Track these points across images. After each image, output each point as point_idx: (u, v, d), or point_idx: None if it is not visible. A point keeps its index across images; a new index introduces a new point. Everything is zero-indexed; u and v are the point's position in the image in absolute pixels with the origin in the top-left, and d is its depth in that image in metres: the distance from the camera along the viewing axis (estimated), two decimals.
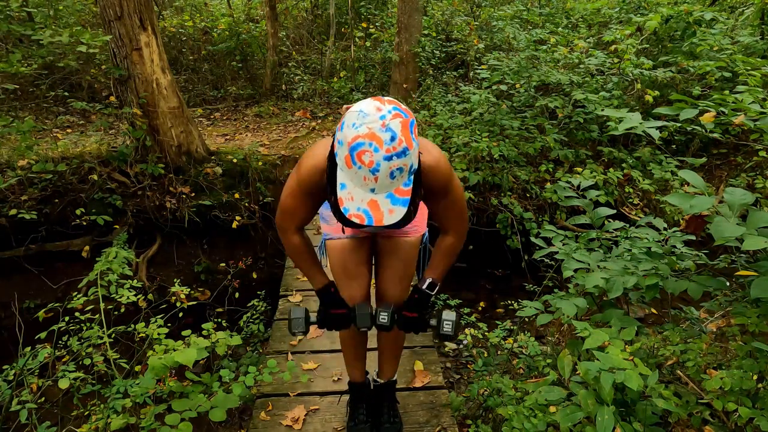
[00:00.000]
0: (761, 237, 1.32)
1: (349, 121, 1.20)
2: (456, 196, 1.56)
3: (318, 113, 6.89)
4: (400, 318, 1.70)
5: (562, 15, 6.85)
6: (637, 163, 4.72)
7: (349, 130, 1.19)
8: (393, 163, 1.17)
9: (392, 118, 1.18)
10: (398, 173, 1.20)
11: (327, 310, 1.70)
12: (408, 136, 1.19)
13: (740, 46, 4.86)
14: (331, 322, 1.71)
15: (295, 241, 1.63)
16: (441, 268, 1.69)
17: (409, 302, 1.70)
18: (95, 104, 4.53)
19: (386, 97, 1.26)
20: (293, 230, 1.62)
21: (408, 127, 1.20)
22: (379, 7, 8.32)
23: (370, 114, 1.18)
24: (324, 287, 1.70)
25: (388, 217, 1.24)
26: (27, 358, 2.26)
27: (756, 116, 1.63)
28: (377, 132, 1.16)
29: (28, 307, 3.85)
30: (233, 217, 4.44)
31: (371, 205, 1.23)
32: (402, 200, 1.24)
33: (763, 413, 1.46)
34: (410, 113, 1.24)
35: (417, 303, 1.67)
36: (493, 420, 2.19)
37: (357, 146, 1.17)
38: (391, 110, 1.19)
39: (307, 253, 1.67)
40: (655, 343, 2.05)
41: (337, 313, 1.70)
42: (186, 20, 7.80)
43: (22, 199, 3.90)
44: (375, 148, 1.16)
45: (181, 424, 1.73)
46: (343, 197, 1.24)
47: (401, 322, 1.70)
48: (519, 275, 4.40)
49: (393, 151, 1.16)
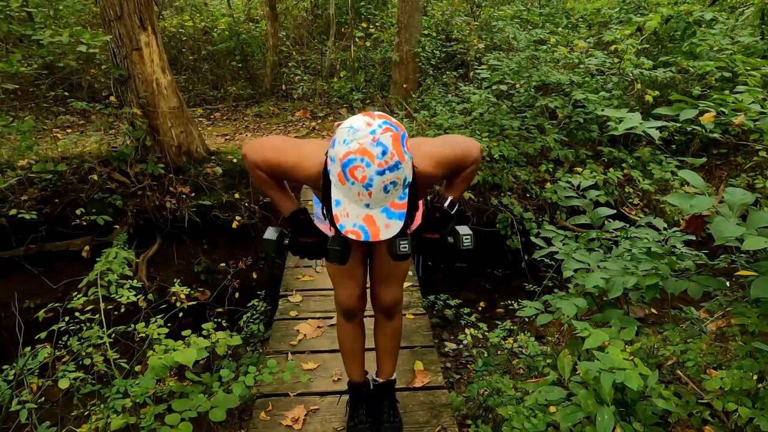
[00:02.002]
0: (761, 237, 1.32)
1: (340, 138, 1.20)
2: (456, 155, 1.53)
3: (318, 113, 6.89)
4: (420, 241, 1.61)
5: (562, 15, 6.86)
6: (637, 163, 4.72)
7: (340, 147, 1.19)
8: (386, 177, 1.18)
9: (383, 133, 1.18)
10: (392, 187, 1.21)
11: (296, 238, 1.61)
12: (399, 149, 1.19)
13: (740, 46, 4.86)
14: (301, 250, 1.61)
15: (261, 173, 1.55)
16: (459, 191, 1.65)
17: (431, 222, 1.62)
18: (95, 104, 4.53)
19: (376, 112, 1.26)
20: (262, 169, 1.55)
21: (399, 141, 1.20)
22: (379, 7, 8.32)
23: (360, 129, 1.18)
24: (293, 213, 1.61)
25: (384, 232, 1.25)
26: (27, 358, 2.26)
27: (756, 116, 1.63)
28: (368, 147, 1.16)
29: (28, 307, 3.85)
30: (233, 217, 4.44)
31: (367, 221, 1.24)
32: (398, 214, 1.26)
33: (763, 413, 1.46)
34: (401, 126, 1.24)
35: (438, 222, 1.61)
36: (493, 420, 2.19)
37: (349, 162, 1.17)
38: (381, 125, 1.20)
39: (274, 181, 1.59)
40: (655, 343, 2.05)
41: (308, 242, 1.60)
42: (186, 20, 7.80)
43: (22, 199, 3.90)
44: (367, 164, 1.16)
45: (181, 424, 1.73)
46: (339, 214, 1.25)
47: (422, 245, 1.62)
48: (519, 275, 4.40)
49: (385, 165, 1.17)
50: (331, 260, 1.55)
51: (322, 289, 3.31)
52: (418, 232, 1.62)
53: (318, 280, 3.42)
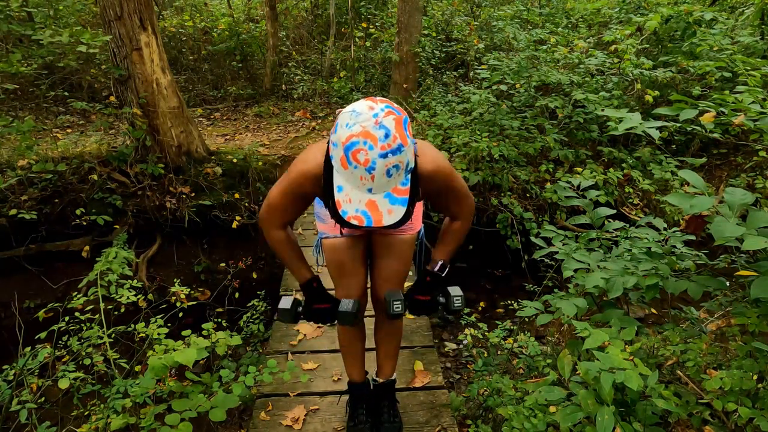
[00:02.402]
0: (761, 237, 1.32)
1: (343, 122, 1.20)
2: (458, 186, 1.56)
3: (318, 113, 6.89)
4: (413, 302, 1.69)
5: (562, 15, 6.86)
6: (637, 163, 4.72)
7: (342, 131, 1.19)
8: (389, 161, 1.18)
9: (385, 116, 1.18)
10: (395, 171, 1.20)
11: (311, 305, 1.69)
12: (402, 132, 1.20)
13: (740, 46, 4.86)
14: (314, 317, 1.70)
15: (279, 236, 1.61)
16: (449, 249, 1.69)
17: (421, 285, 1.68)
18: (95, 104, 4.53)
19: (378, 97, 1.26)
20: (278, 226, 1.60)
21: (401, 124, 1.20)
22: (379, 7, 8.32)
23: (363, 113, 1.19)
24: (307, 282, 1.68)
25: (387, 217, 1.24)
26: (27, 358, 2.26)
27: (756, 116, 1.63)
28: (371, 130, 1.16)
29: (28, 307, 3.85)
30: (233, 217, 4.44)
31: (369, 206, 1.24)
32: (400, 200, 1.25)
33: (763, 413, 1.46)
34: (403, 111, 1.24)
35: (429, 285, 1.67)
36: (493, 420, 2.19)
37: (351, 145, 1.17)
38: (384, 108, 1.20)
39: (290, 247, 1.64)
40: (655, 343, 2.05)
41: (320, 308, 1.69)
42: (186, 20, 7.80)
43: (22, 199, 3.90)
44: (370, 146, 1.16)
45: (181, 424, 1.73)
46: (341, 200, 1.24)
47: (414, 306, 1.69)
48: (519, 275, 4.40)
49: (388, 148, 1.17)
50: (341, 323, 1.69)
51: None
52: (411, 294, 1.70)
53: None
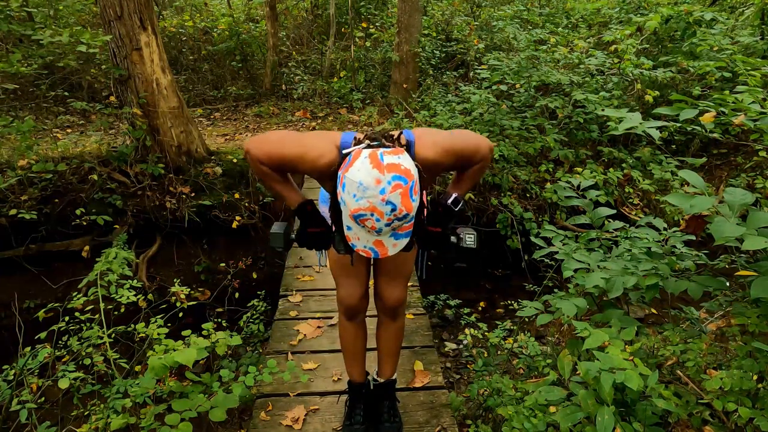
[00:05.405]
0: (761, 237, 1.32)
1: (350, 190, 1.26)
2: (463, 146, 1.53)
3: (318, 113, 6.89)
4: (423, 234, 1.63)
5: (562, 15, 6.86)
6: (637, 163, 4.72)
7: (350, 200, 1.26)
8: (394, 225, 1.29)
9: (392, 191, 1.23)
10: (398, 224, 1.31)
11: (305, 229, 1.63)
12: (408, 203, 1.27)
13: (740, 46, 4.86)
14: (308, 241, 1.65)
15: (266, 168, 1.53)
16: (465, 187, 1.65)
17: (433, 216, 1.63)
18: (95, 104, 4.53)
19: (385, 159, 1.26)
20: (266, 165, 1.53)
21: (408, 194, 1.26)
22: (379, 7, 8.32)
23: (370, 188, 1.23)
24: (300, 205, 1.60)
25: (392, 249, 1.38)
26: (27, 358, 2.26)
27: (756, 116, 1.63)
28: (378, 206, 1.24)
29: (28, 307, 3.85)
30: (233, 217, 4.44)
31: (376, 244, 1.37)
32: (405, 234, 1.36)
33: (763, 413, 1.46)
34: (410, 175, 1.27)
35: (441, 216, 1.61)
36: (493, 420, 2.19)
37: (359, 216, 1.27)
38: (391, 181, 1.23)
39: (279, 174, 1.57)
40: (655, 343, 2.05)
41: (315, 232, 1.63)
42: (186, 20, 7.80)
43: (22, 199, 3.90)
44: (377, 219, 1.26)
45: (181, 424, 1.73)
46: (350, 236, 1.38)
47: (425, 240, 1.64)
48: (519, 275, 4.40)
49: (394, 218, 1.26)
50: (337, 249, 1.63)
51: (322, 289, 3.31)
52: (421, 224, 1.63)
53: (318, 280, 3.42)
